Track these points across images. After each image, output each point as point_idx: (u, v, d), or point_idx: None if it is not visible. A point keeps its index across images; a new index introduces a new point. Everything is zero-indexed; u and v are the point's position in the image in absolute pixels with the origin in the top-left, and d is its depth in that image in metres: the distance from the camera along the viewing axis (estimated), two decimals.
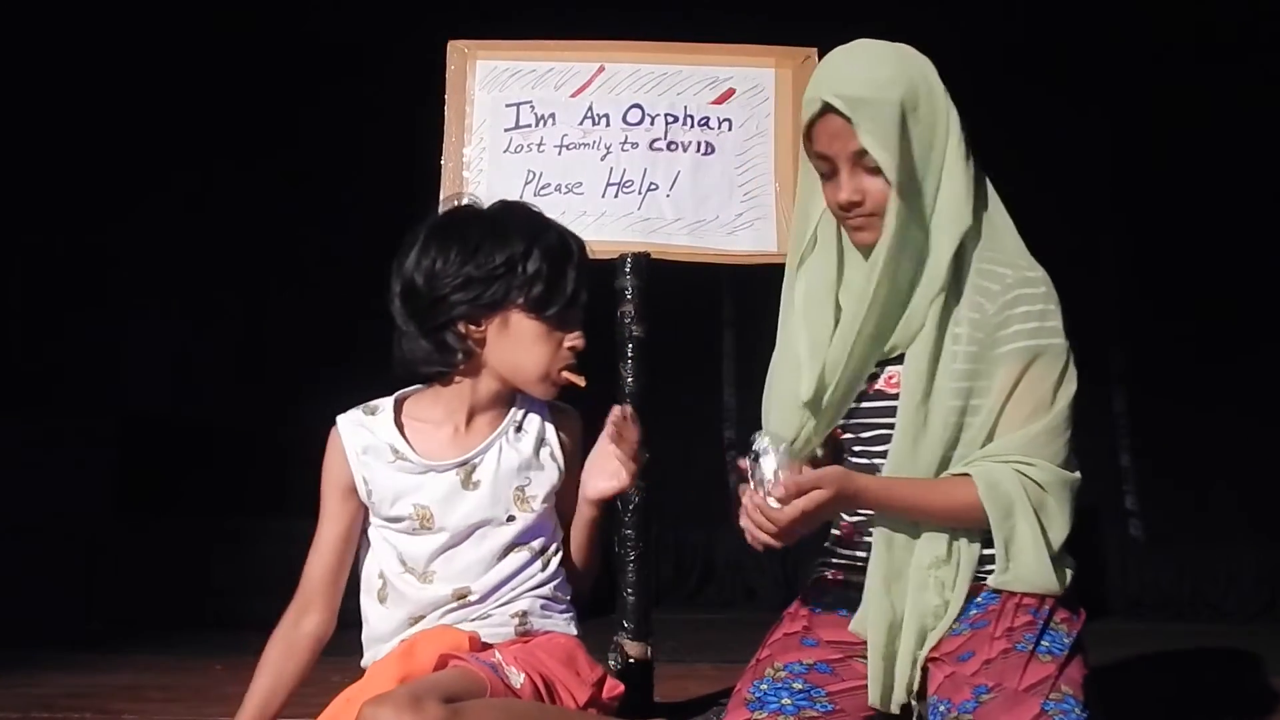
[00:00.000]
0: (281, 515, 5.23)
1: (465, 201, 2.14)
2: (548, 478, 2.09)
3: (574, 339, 2.03)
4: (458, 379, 2.06)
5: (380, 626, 2.08)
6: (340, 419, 2.10)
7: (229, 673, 3.72)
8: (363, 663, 2.11)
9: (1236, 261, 5.44)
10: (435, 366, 2.05)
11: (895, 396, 2.02)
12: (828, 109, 1.97)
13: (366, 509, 2.08)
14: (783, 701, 1.97)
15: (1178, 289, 5.45)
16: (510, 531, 2.05)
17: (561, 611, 2.09)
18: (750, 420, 2.13)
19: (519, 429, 2.10)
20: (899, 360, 2.03)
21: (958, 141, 1.99)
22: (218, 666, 3.79)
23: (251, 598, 4.94)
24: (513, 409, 2.11)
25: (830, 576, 2.15)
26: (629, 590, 2.78)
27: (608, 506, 2.13)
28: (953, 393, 1.97)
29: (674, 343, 3.15)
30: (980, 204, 2.02)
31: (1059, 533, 1.96)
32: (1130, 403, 5.56)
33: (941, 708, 1.91)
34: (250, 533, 5.13)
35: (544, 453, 2.10)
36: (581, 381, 2.06)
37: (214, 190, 5.74)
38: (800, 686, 1.99)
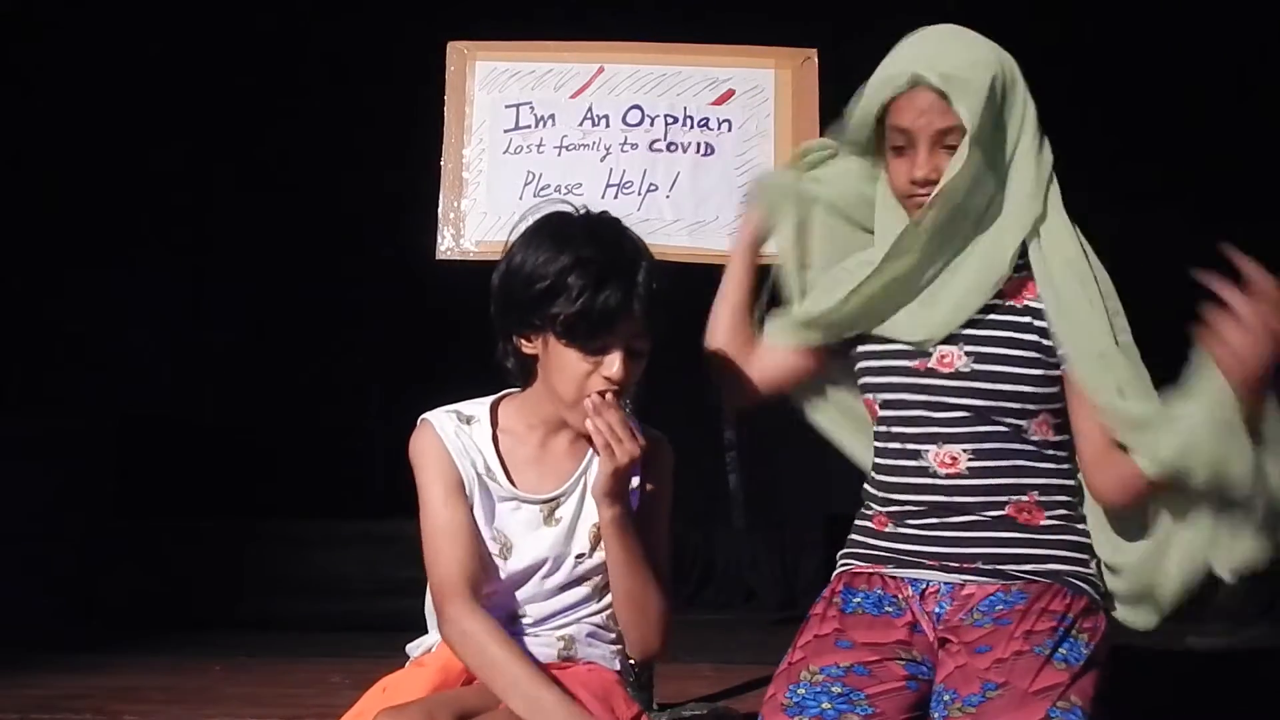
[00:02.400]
0: (282, 516, 5.25)
1: (560, 208, 2.00)
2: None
3: (609, 369, 1.90)
4: (539, 390, 1.98)
5: (432, 621, 2.03)
6: (431, 417, 1.98)
7: (228, 674, 3.73)
8: (407, 648, 2.07)
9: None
10: (512, 376, 2.00)
11: (947, 376, 1.98)
12: (918, 84, 1.93)
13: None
14: (823, 706, 1.92)
15: (1176, 291, 5.44)
16: (577, 568, 1.98)
17: (610, 643, 2.02)
18: (750, 419, 2.06)
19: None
20: (951, 340, 1.98)
21: (1033, 133, 1.98)
22: (217, 668, 3.79)
23: (252, 599, 4.97)
24: None
25: (858, 571, 2.08)
26: None
27: (625, 518, 1.92)
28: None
29: (674, 343, 3.14)
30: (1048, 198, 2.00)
31: None
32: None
33: (946, 697, 1.90)
34: (251, 534, 5.13)
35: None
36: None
37: (214, 192, 5.74)
38: (839, 690, 1.93)
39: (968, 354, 1.98)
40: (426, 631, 2.05)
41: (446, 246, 2.94)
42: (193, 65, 5.55)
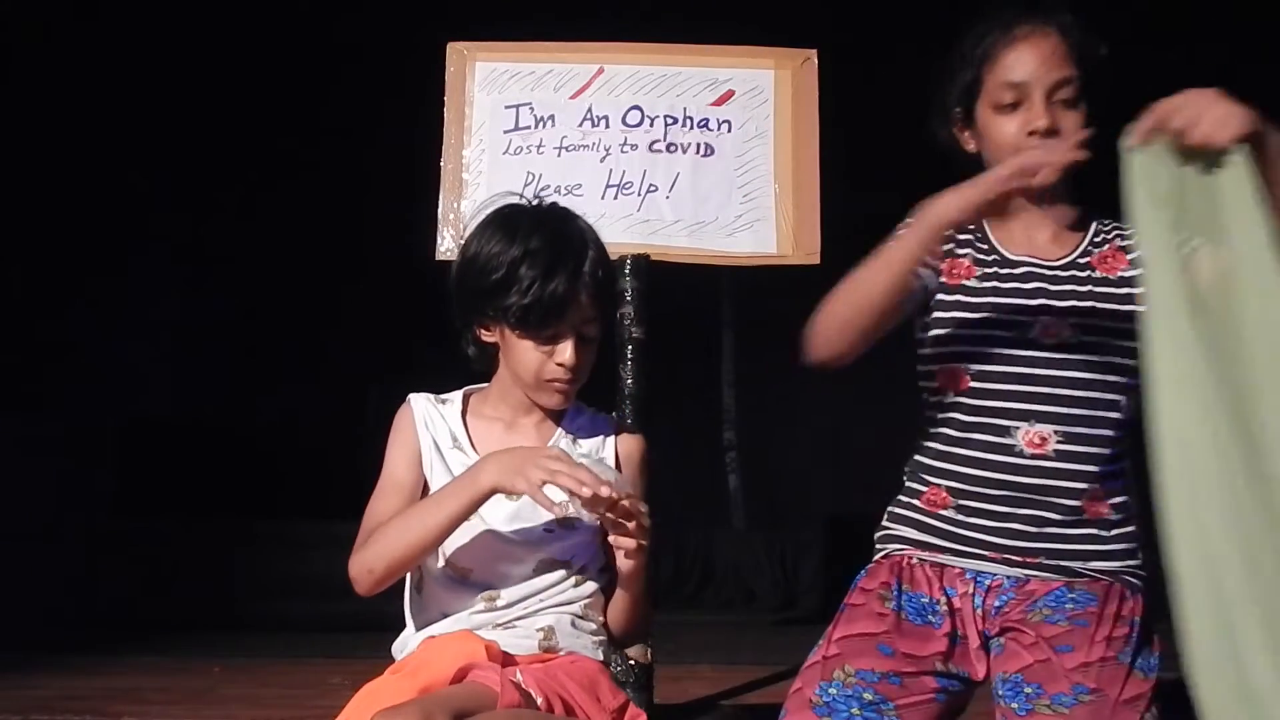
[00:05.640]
0: (280, 517, 5.25)
1: (511, 200, 2.06)
2: None
3: (561, 356, 1.96)
4: (502, 376, 2.05)
5: (415, 617, 2.05)
6: (412, 396, 2.10)
7: (228, 674, 3.73)
8: (392, 648, 2.08)
9: None
10: (475, 363, 2.07)
11: (1052, 347, 1.95)
12: (1035, 33, 1.93)
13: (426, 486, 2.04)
14: (852, 711, 1.89)
15: None
16: (547, 545, 2.00)
17: (591, 633, 2.03)
18: (750, 419, 2.07)
19: (574, 443, 2.04)
20: (1053, 312, 1.97)
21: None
22: (216, 668, 3.79)
23: (251, 599, 4.97)
24: (564, 421, 2.06)
25: (912, 562, 2.04)
26: None
27: (644, 560, 1.98)
28: None
29: (674, 344, 3.15)
30: None
31: None
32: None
33: (1028, 690, 1.89)
34: (250, 534, 5.14)
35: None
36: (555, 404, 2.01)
37: (214, 194, 5.75)
38: (870, 698, 1.90)
39: (1074, 326, 1.96)
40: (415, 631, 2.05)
41: (446, 247, 2.94)
42: (193, 69, 5.55)
